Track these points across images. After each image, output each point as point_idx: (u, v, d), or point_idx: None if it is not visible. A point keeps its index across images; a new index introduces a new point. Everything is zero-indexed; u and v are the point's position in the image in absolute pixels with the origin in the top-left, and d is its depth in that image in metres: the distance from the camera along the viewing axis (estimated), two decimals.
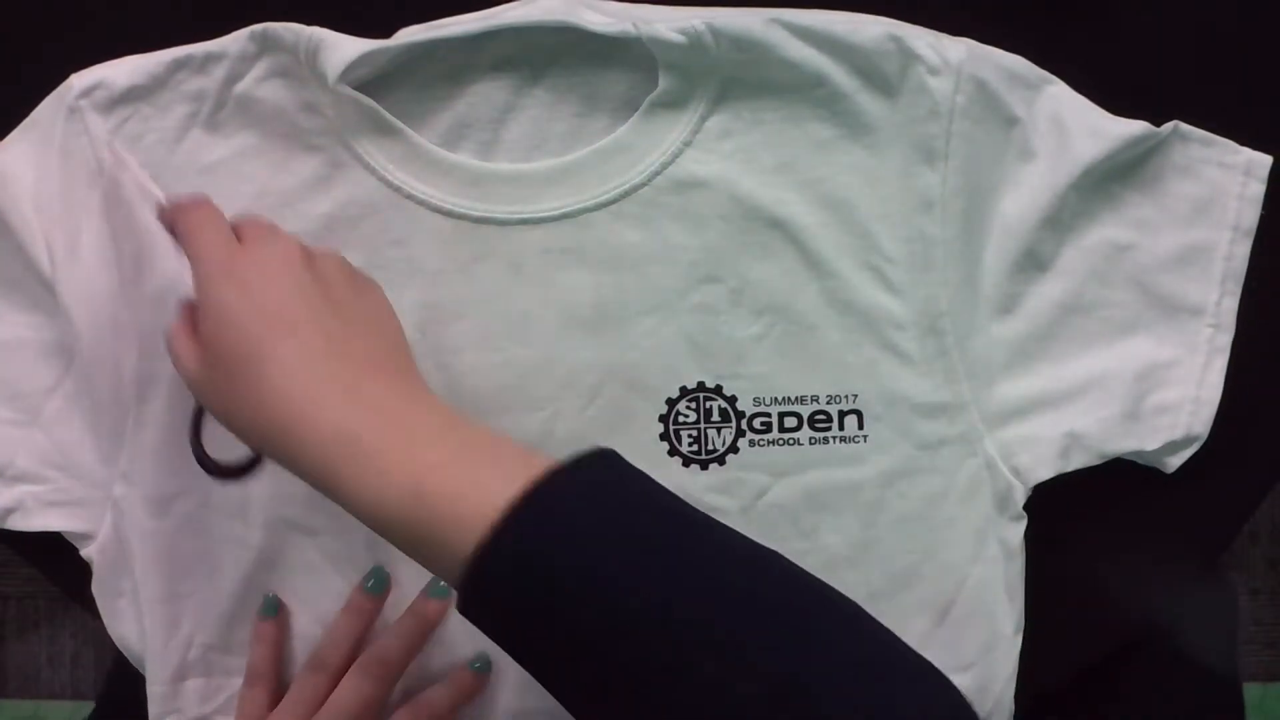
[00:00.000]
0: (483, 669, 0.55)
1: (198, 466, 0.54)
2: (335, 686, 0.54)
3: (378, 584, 0.55)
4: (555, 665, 0.40)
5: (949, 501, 0.55)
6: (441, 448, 0.42)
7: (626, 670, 0.38)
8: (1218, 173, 0.56)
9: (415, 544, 0.41)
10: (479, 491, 0.40)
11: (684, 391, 0.55)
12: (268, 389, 0.43)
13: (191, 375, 0.46)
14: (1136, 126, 0.55)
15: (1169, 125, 0.55)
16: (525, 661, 0.40)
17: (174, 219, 0.48)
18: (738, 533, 0.42)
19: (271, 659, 0.55)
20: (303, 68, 0.54)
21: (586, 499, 0.40)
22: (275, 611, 0.56)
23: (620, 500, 0.41)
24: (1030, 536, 0.56)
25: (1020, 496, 0.55)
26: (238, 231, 0.48)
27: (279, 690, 0.55)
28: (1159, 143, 0.55)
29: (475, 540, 0.39)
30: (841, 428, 0.55)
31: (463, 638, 0.56)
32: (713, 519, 0.42)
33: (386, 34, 0.54)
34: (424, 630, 0.55)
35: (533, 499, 0.39)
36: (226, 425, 0.45)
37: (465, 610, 0.40)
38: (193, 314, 0.47)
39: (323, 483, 0.43)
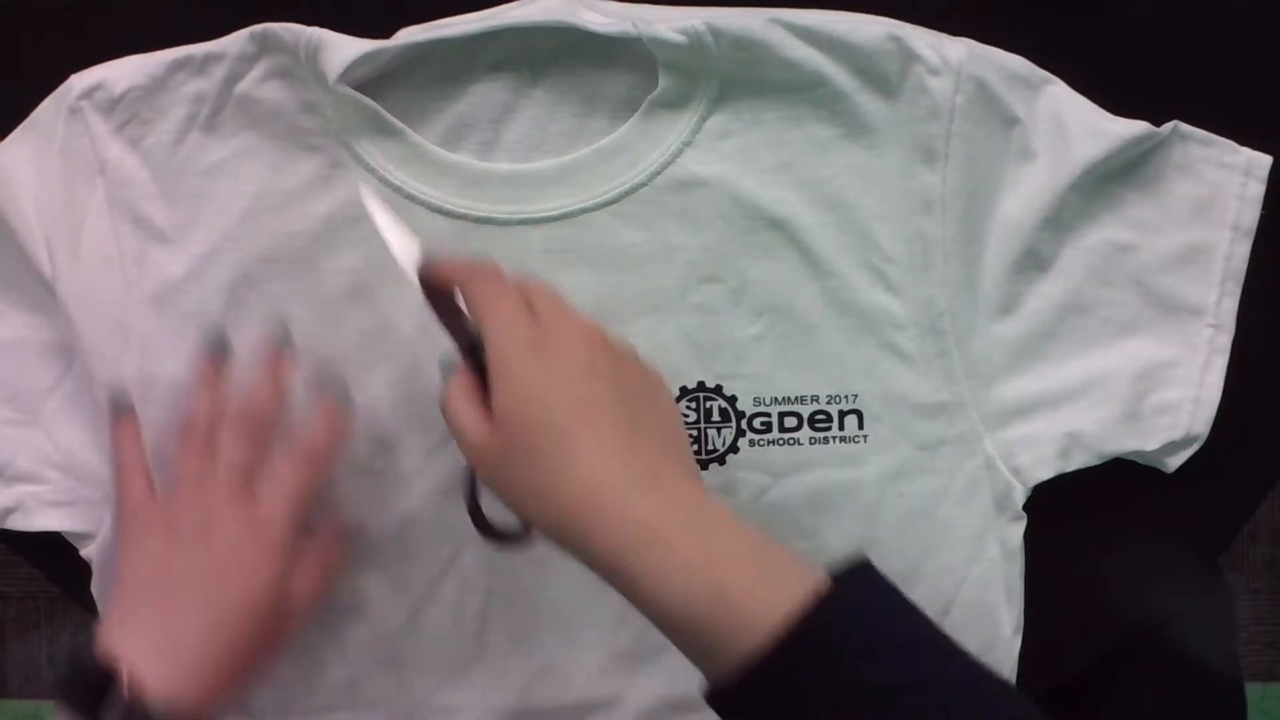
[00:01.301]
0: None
1: None
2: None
3: (217, 344, 0.54)
4: None
5: (948, 502, 0.55)
6: (736, 546, 0.43)
7: None
8: (1218, 173, 0.56)
9: (700, 636, 0.41)
10: (774, 591, 0.40)
11: (684, 391, 0.55)
12: (569, 475, 0.43)
13: (477, 448, 0.45)
14: (1136, 126, 0.55)
15: (1169, 125, 0.55)
16: None
17: (465, 285, 0.48)
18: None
19: (139, 452, 0.54)
20: (303, 68, 0.54)
21: (872, 606, 0.41)
22: (128, 409, 0.54)
23: (894, 610, 0.42)
24: (1030, 536, 0.56)
25: (1020, 497, 0.55)
26: (528, 298, 0.47)
27: (151, 483, 0.54)
28: (1159, 143, 0.55)
29: (765, 636, 0.39)
30: (841, 428, 0.55)
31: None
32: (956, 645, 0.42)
33: (386, 34, 0.54)
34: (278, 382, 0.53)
35: (831, 600, 0.40)
36: (509, 504, 0.45)
37: (730, 700, 0.41)
38: (471, 380, 0.46)
39: (614, 574, 0.42)
